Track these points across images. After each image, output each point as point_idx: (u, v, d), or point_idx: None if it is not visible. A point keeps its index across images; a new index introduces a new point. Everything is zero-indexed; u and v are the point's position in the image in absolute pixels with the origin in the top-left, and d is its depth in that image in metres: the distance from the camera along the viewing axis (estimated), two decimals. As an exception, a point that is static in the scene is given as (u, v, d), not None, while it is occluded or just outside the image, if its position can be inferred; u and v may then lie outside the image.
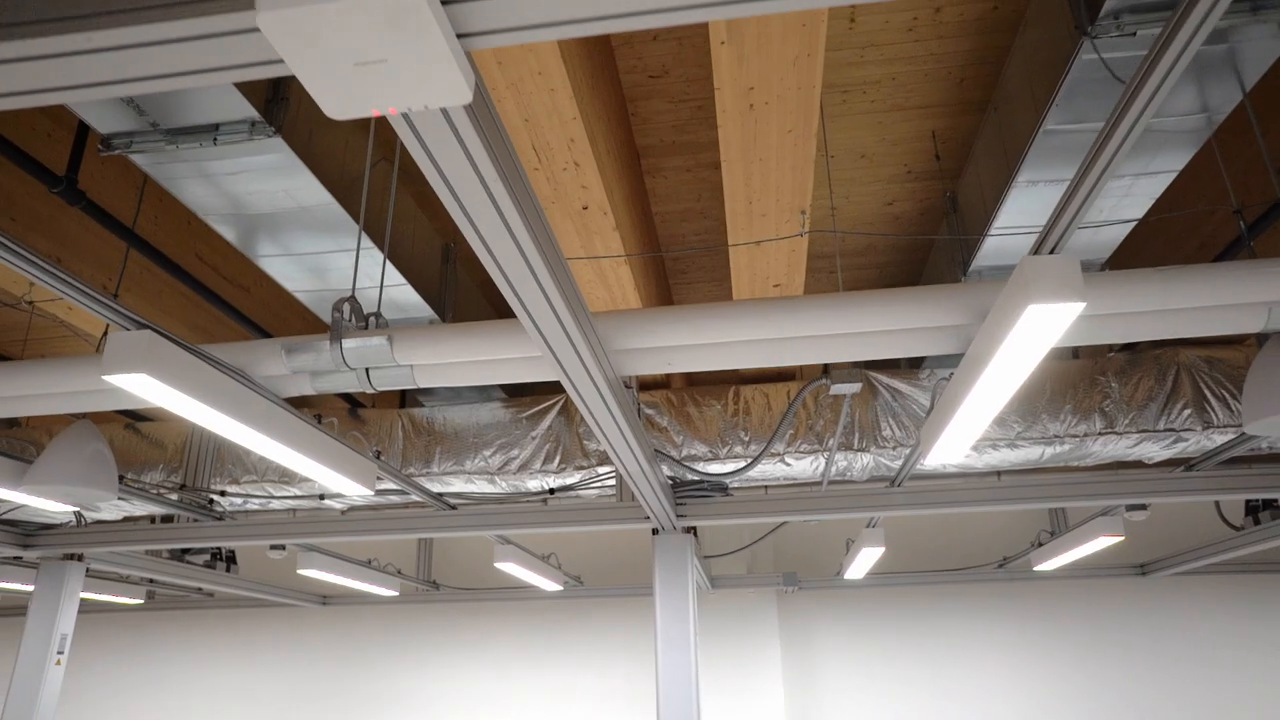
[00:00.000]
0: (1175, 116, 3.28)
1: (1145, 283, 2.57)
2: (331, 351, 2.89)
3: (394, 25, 1.13)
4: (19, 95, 1.29)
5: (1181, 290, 2.55)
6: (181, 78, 1.31)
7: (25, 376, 3.02)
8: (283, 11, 1.11)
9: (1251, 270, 2.56)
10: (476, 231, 1.66)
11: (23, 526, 5.37)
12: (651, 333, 2.76)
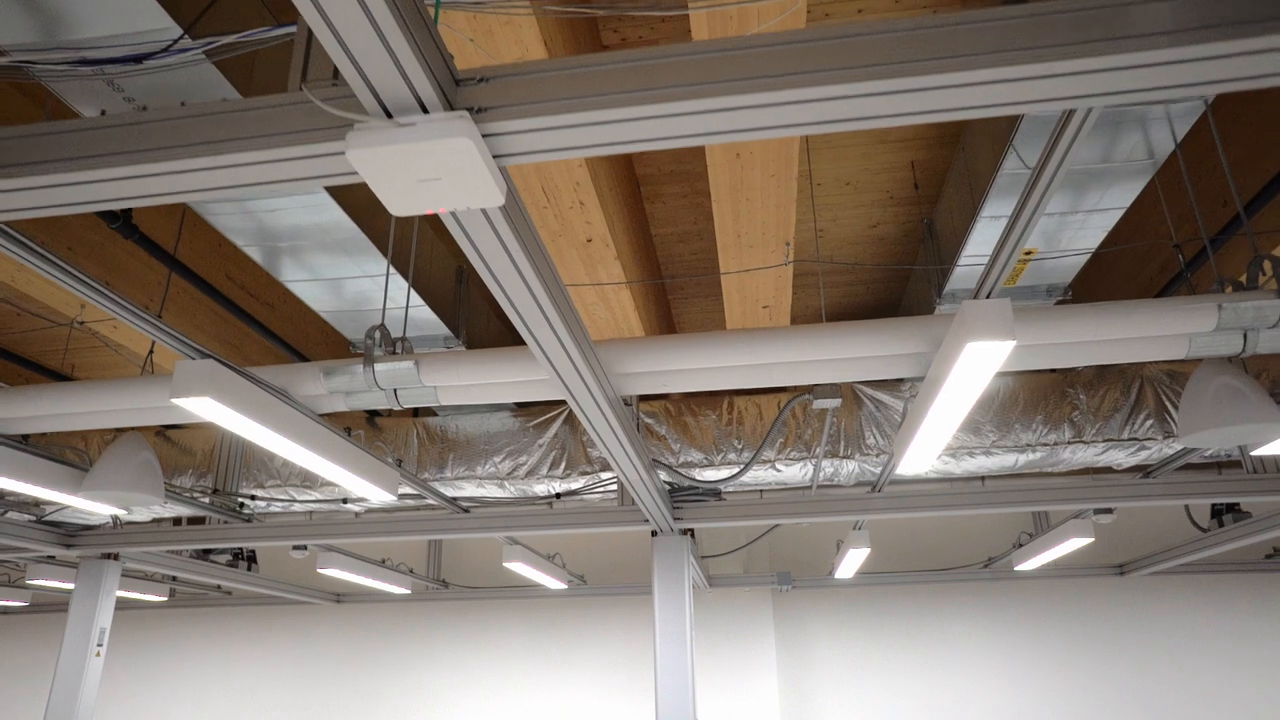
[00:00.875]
0: (1119, 162, 3.64)
1: (1080, 318, 2.94)
2: (365, 374, 3.27)
3: (448, 158, 1.51)
4: (163, 196, 1.67)
5: (1112, 324, 2.92)
6: (283, 183, 1.69)
7: (95, 395, 3.41)
8: (365, 150, 1.49)
9: (1173, 306, 2.93)
10: (504, 292, 2.04)
11: (65, 527, 5.76)
12: (649, 359, 3.13)
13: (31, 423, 3.73)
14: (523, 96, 1.53)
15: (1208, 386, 3.42)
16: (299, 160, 1.61)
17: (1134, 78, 1.44)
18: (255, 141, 1.58)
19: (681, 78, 1.51)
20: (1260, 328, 2.91)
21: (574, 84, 1.53)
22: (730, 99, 1.49)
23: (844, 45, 1.50)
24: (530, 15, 2.45)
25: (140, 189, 1.65)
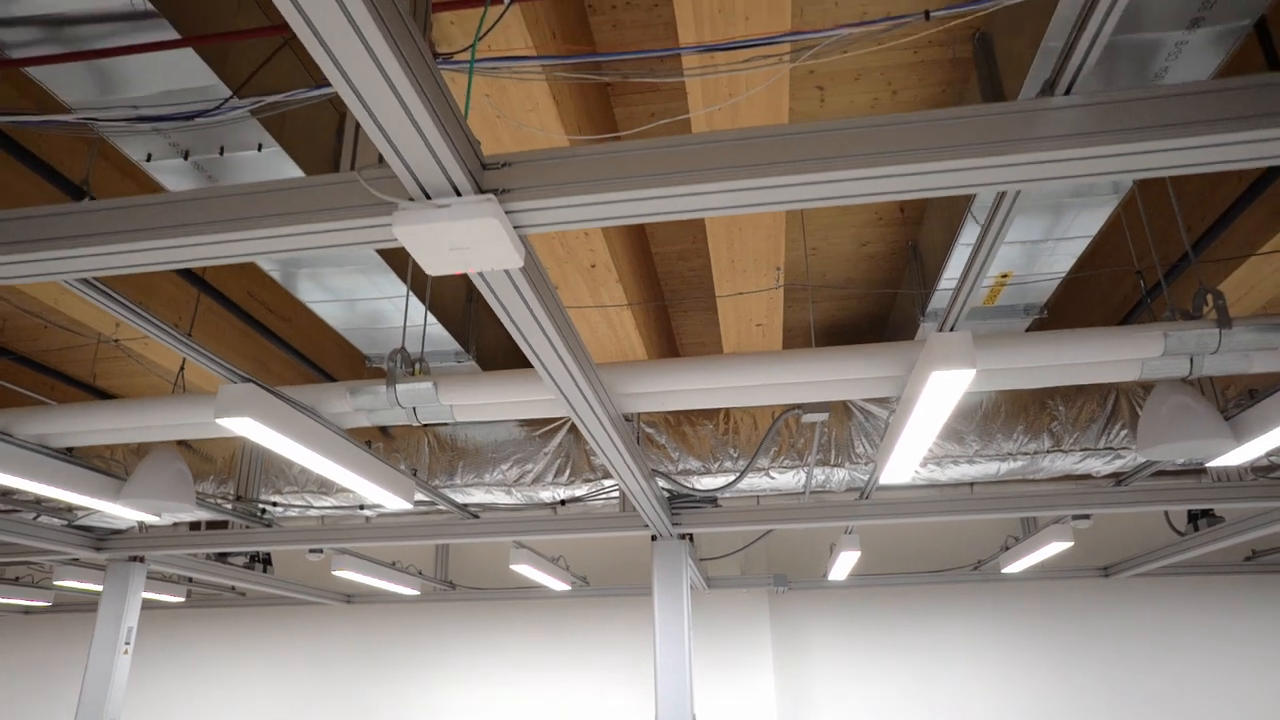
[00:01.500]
0: (1085, 196, 3.93)
1: (1041, 344, 3.24)
2: (388, 394, 3.56)
3: (477, 233, 1.81)
4: (237, 257, 1.97)
5: (1069, 351, 3.21)
6: (334, 249, 1.99)
7: (138, 412, 3.71)
8: (408, 227, 1.79)
9: (1124, 334, 3.22)
10: (522, 334, 2.34)
11: (95, 532, 6.06)
12: (648, 381, 3.43)
13: (77, 437, 4.03)
14: (539, 179, 1.83)
15: (1163, 405, 3.71)
16: (351, 230, 1.91)
17: (1045, 170, 1.74)
18: (316, 215, 1.88)
19: (678, 165, 1.81)
20: (1204, 353, 3.21)
21: (583, 169, 1.83)
22: (722, 184, 1.79)
23: (817, 139, 1.81)
24: (542, 80, 2.75)
25: (220, 252, 1.95)
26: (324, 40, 1.40)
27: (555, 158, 1.84)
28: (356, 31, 1.38)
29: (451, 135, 1.71)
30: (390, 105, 1.56)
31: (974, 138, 1.73)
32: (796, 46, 2.74)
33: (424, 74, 1.58)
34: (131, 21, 2.75)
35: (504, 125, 2.99)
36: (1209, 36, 2.84)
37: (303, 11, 1.36)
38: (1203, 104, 1.69)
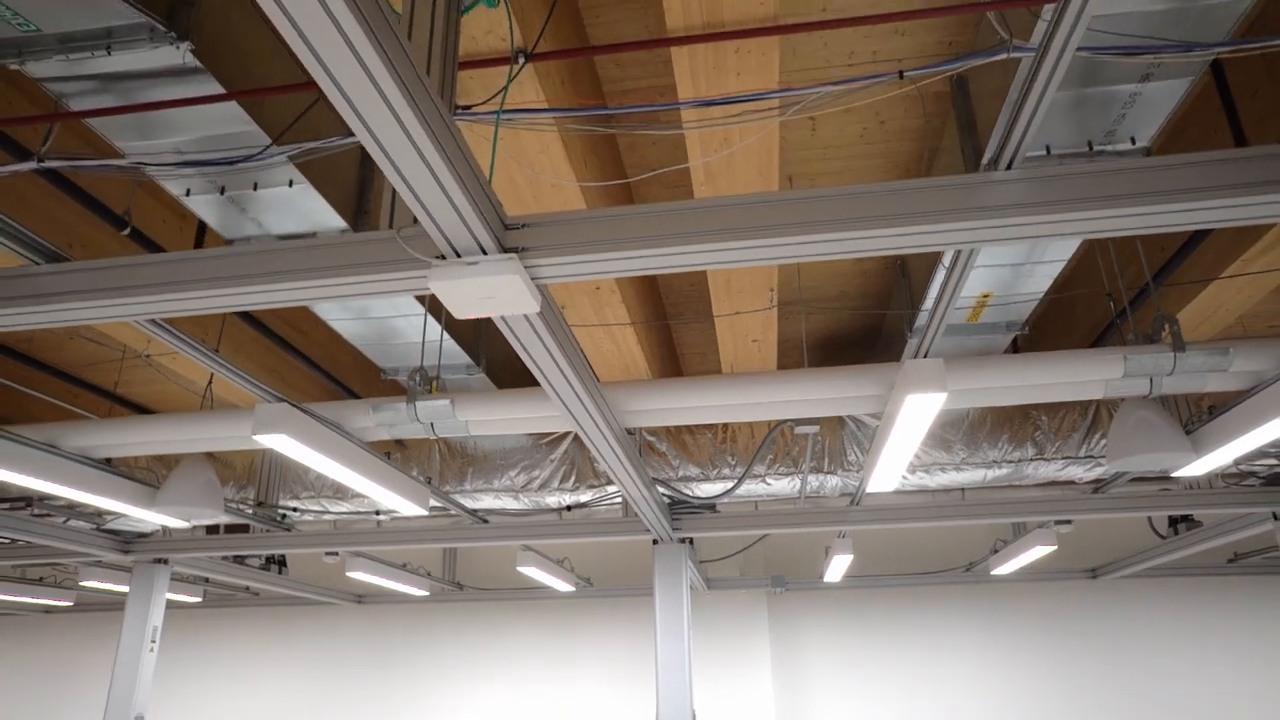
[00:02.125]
0: (1057, 224, 4.20)
1: (1012, 366, 3.52)
2: (408, 410, 3.85)
3: (501, 286, 2.10)
4: (290, 303, 2.26)
5: (1037, 372, 3.49)
6: (373, 296, 2.27)
7: (175, 427, 3.99)
8: (442, 281, 2.07)
9: (1089, 357, 3.50)
10: (537, 365, 2.63)
11: (122, 535, 6.35)
12: (649, 399, 3.71)
13: (115, 449, 4.32)
14: (554, 239, 2.12)
15: (1129, 420, 3.99)
16: (390, 281, 2.20)
17: (991, 234, 2.03)
18: (361, 268, 2.17)
19: (676, 227, 2.09)
20: (1161, 374, 3.48)
21: (594, 230, 2.12)
22: (716, 245, 2.08)
23: (803, 206, 2.09)
24: (554, 130, 3.03)
25: (274, 299, 2.24)
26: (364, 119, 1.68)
27: (569, 220, 2.13)
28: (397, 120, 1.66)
29: (477, 202, 2.00)
30: (427, 181, 1.85)
31: (931, 207, 2.02)
32: (785, 102, 3.02)
33: (455, 153, 1.86)
34: (179, 76, 3.04)
35: (517, 166, 3.27)
36: (1160, 90, 3.12)
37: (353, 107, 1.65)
38: (1124, 179, 1.97)
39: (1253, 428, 3.48)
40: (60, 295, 2.25)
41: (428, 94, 1.74)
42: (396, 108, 1.64)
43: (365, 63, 1.48)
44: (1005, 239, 2.03)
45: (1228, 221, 2.04)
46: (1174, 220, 1.98)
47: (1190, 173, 1.95)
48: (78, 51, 2.87)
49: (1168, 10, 2.78)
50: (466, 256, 2.07)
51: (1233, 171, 1.93)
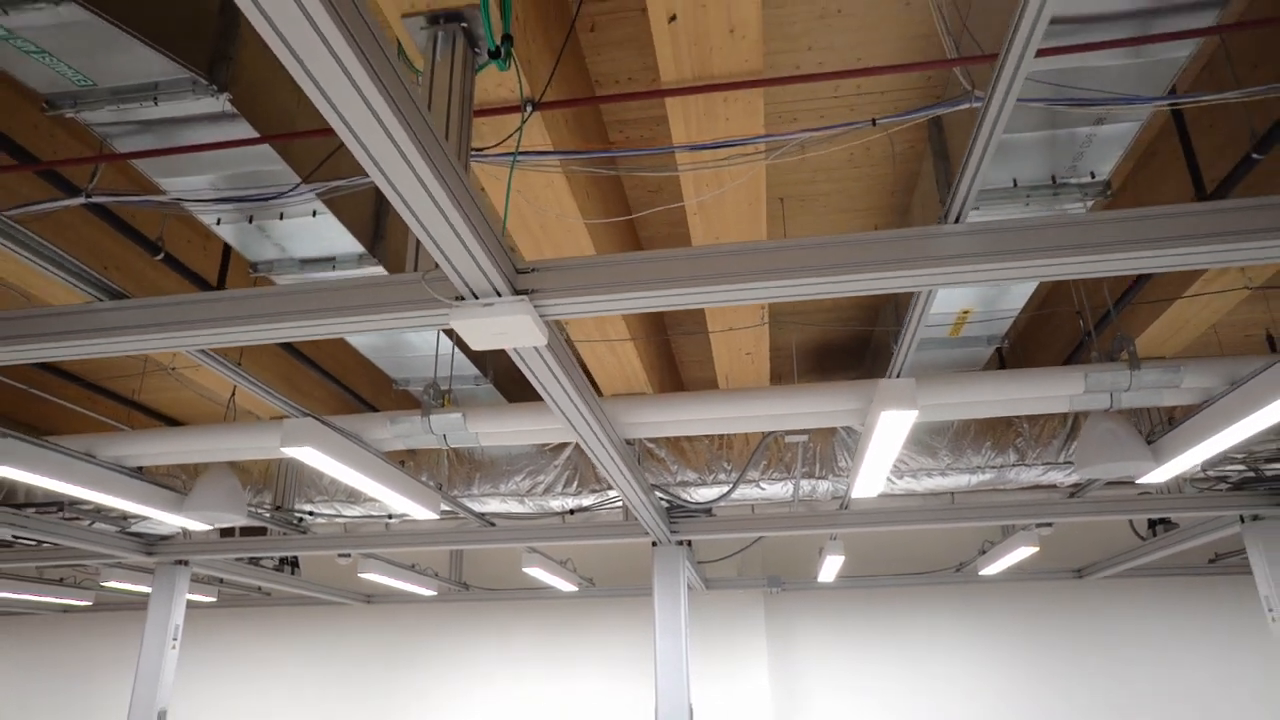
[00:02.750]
0: (1029, 247, 4.49)
1: (983, 384, 3.80)
2: (423, 423, 4.14)
3: (514, 324, 2.39)
4: (326, 336, 2.55)
5: (1006, 389, 3.78)
6: (395, 330, 2.57)
7: (203, 439, 4.29)
8: (463, 320, 2.37)
9: (1054, 375, 3.79)
10: (546, 390, 2.92)
11: (146, 538, 6.65)
12: (647, 413, 4.00)
13: (146, 458, 4.62)
14: (561, 282, 2.41)
15: (1095, 431, 4.28)
16: (416, 318, 2.50)
17: (942, 279, 2.32)
18: (391, 307, 2.47)
19: (671, 272, 2.38)
20: (1119, 390, 3.77)
21: (596, 274, 2.41)
22: (706, 288, 2.37)
23: (779, 254, 2.38)
24: (560, 171, 3.32)
25: (313, 333, 2.53)
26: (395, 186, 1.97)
27: (574, 265, 2.42)
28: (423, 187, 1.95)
29: (492, 251, 2.29)
30: (447, 235, 2.14)
31: (893, 256, 2.31)
32: (770, 146, 3.30)
33: (472, 210, 2.15)
34: (218, 120, 3.34)
35: (525, 202, 3.56)
36: (1113, 131, 3.41)
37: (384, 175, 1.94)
38: (1054, 233, 2.26)
39: (1204, 439, 3.76)
40: (122, 329, 2.54)
41: (448, 160, 2.03)
42: (421, 176, 1.93)
43: (394, 138, 1.77)
44: (955, 283, 2.32)
45: (1149, 269, 2.33)
46: (1100, 268, 2.27)
47: (1114, 228, 2.24)
48: (128, 102, 3.17)
49: (1113, 66, 3.07)
50: (483, 298, 2.36)
51: (1152, 227, 2.21)
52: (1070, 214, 2.27)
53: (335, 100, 1.64)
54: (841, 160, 5.16)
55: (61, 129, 3.85)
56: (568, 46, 3.51)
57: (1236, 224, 2.17)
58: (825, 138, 4.04)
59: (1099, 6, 2.83)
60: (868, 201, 5.63)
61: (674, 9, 2.75)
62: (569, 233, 3.67)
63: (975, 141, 2.10)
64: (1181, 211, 2.21)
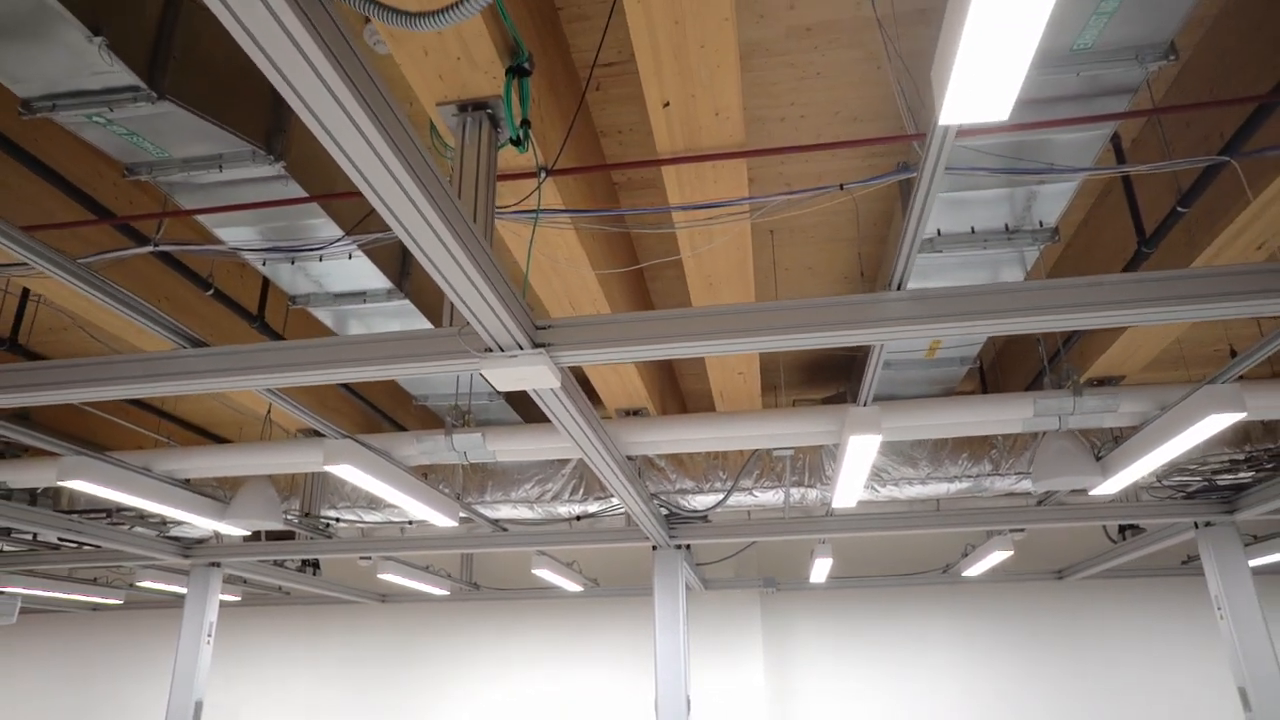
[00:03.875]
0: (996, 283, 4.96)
1: (944, 409, 4.29)
2: (446, 442, 4.64)
3: (533, 372, 2.88)
4: (369, 378, 3.05)
5: (965, 413, 4.26)
6: (426, 374, 3.07)
7: (245, 455, 4.79)
8: (492, 370, 2.86)
9: (1007, 400, 4.27)
10: (560, 422, 3.41)
11: (182, 541, 7.16)
12: (646, 434, 4.49)
13: (193, 471, 5.12)
14: (574, 338, 2.91)
15: (1050, 448, 4.77)
16: (453, 365, 2.99)
17: (890, 335, 2.81)
18: (433, 356, 2.96)
19: (669, 330, 2.88)
20: (1065, 414, 4.25)
21: (604, 331, 2.90)
22: (699, 343, 2.86)
23: (760, 315, 2.87)
24: (571, 228, 3.82)
25: (366, 376, 3.03)
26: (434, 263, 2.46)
27: (585, 323, 2.92)
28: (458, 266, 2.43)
29: (514, 312, 2.78)
30: (477, 301, 2.63)
31: (850, 318, 2.80)
32: (753, 206, 3.79)
33: (498, 280, 2.64)
34: (272, 182, 3.83)
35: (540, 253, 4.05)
36: (1054, 190, 3.89)
37: (424, 253, 2.43)
38: (975, 300, 2.75)
39: (1141, 456, 4.24)
40: (205, 373, 3.04)
41: (477, 240, 2.52)
42: (455, 255, 2.43)
43: (433, 226, 2.26)
44: (900, 339, 2.81)
45: (1057, 329, 2.82)
46: (1018, 328, 2.75)
47: (1029, 297, 2.72)
48: (197, 169, 3.67)
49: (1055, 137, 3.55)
50: (508, 351, 2.86)
51: (1059, 296, 2.70)
52: (993, 285, 2.75)
53: (388, 201, 2.13)
54: (823, 200, 5.64)
55: (135, 187, 4.35)
56: (578, 114, 4.00)
57: (1123, 295, 2.66)
58: (801, 199, 4.52)
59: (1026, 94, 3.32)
60: (850, 232, 6.11)
61: (668, 97, 3.25)
62: (581, 279, 4.17)
63: (906, 227, 2.60)
64: (1083, 283, 2.69)
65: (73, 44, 2.82)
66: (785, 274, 6.60)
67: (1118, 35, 2.97)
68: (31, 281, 4.07)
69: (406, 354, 2.96)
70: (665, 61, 3.03)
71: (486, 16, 2.83)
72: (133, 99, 3.09)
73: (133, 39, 3.02)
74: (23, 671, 11.64)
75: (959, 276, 4.75)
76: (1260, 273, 2.83)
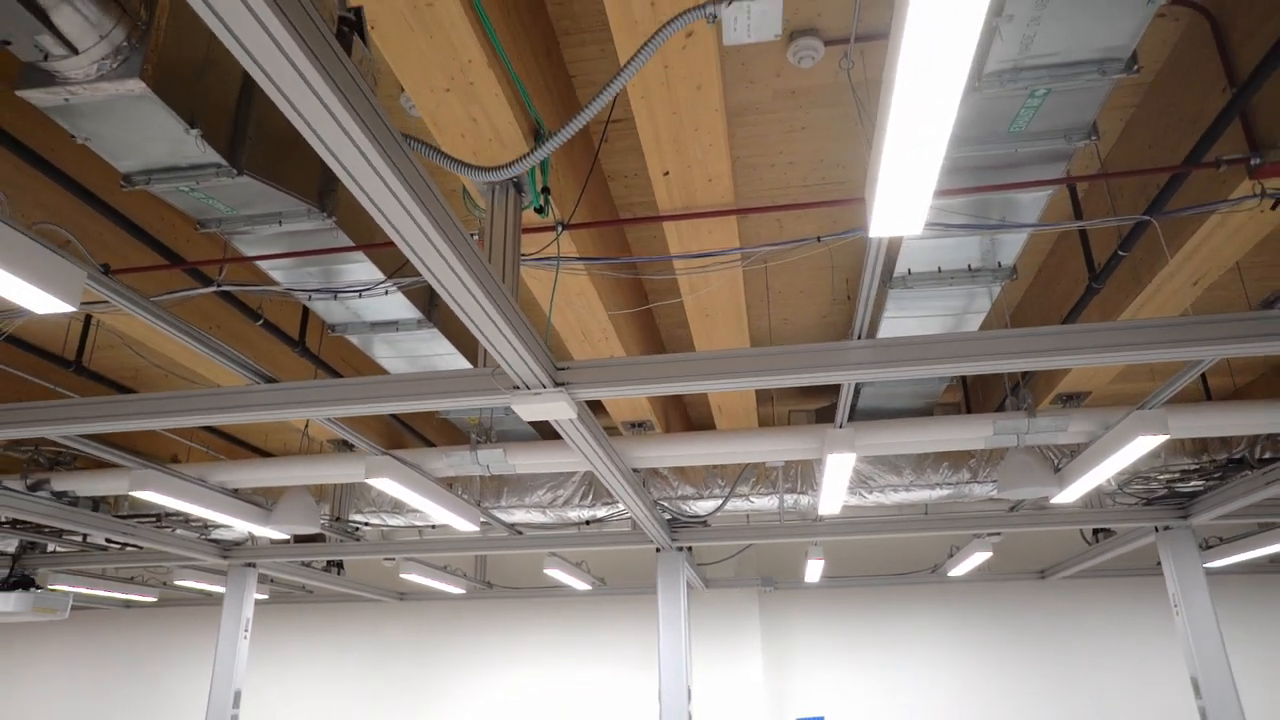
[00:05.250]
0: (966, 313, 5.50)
1: (913, 429, 4.83)
2: (471, 456, 5.20)
3: (554, 407, 3.45)
4: (412, 410, 3.61)
5: (933, 433, 4.81)
6: (464, 406, 3.64)
7: (290, 468, 5.36)
8: (520, 405, 3.43)
9: (970, 421, 4.81)
10: (570, 440, 3.97)
11: (222, 543, 7.74)
12: (650, 450, 5.05)
13: (241, 481, 5.69)
14: (589, 378, 3.47)
15: (1013, 462, 5.31)
16: (486, 399, 3.56)
17: (854, 377, 3.36)
18: (470, 393, 3.52)
19: (671, 371, 3.43)
20: (1021, 434, 4.79)
21: (615, 373, 3.46)
22: (699, 381, 3.42)
23: (748, 360, 3.43)
24: (585, 274, 4.38)
25: (412, 408, 3.59)
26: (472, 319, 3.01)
27: (598, 365, 3.47)
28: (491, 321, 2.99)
29: (538, 357, 3.34)
30: (507, 348, 3.19)
31: (822, 362, 3.35)
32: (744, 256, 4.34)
33: (524, 330, 3.19)
34: (322, 233, 4.39)
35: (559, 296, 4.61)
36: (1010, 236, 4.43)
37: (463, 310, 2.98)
38: (925, 349, 3.30)
39: (1088, 470, 4.78)
40: (275, 405, 3.61)
41: (507, 299, 3.08)
42: (489, 312, 2.98)
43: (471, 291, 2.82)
44: (866, 379, 3.36)
45: (1002, 371, 3.36)
46: (965, 370, 3.30)
47: (975, 345, 3.27)
48: (259, 224, 4.24)
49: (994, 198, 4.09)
50: (532, 389, 3.42)
51: (1001, 345, 3.25)
52: (940, 335, 3.30)
53: (436, 273, 2.69)
54: (811, 232, 6.18)
55: (196, 231, 4.92)
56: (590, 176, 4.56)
57: (1052, 344, 3.21)
58: (784, 249, 5.07)
59: (979, 163, 3.86)
60: (839, 261, 6.66)
61: (667, 166, 3.80)
62: (591, 311, 4.72)
63: (861, 297, 3.15)
64: (1018, 334, 3.24)
65: (172, 133, 3.38)
66: (779, 296, 7.15)
67: (1047, 122, 3.51)
68: (109, 316, 4.65)
69: (449, 390, 3.52)
70: (665, 142, 3.59)
71: (515, 107, 3.40)
72: (215, 174, 3.65)
73: (217, 124, 3.58)
74: (57, 665, 12.27)
75: (933, 306, 5.29)
76: (1173, 325, 3.38)
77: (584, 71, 4.26)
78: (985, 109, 3.40)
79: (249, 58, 1.71)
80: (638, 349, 6.36)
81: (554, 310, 4.59)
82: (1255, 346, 3.16)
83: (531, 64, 3.61)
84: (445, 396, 3.50)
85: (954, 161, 3.73)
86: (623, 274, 4.83)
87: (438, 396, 3.50)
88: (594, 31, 3.94)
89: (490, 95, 3.27)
